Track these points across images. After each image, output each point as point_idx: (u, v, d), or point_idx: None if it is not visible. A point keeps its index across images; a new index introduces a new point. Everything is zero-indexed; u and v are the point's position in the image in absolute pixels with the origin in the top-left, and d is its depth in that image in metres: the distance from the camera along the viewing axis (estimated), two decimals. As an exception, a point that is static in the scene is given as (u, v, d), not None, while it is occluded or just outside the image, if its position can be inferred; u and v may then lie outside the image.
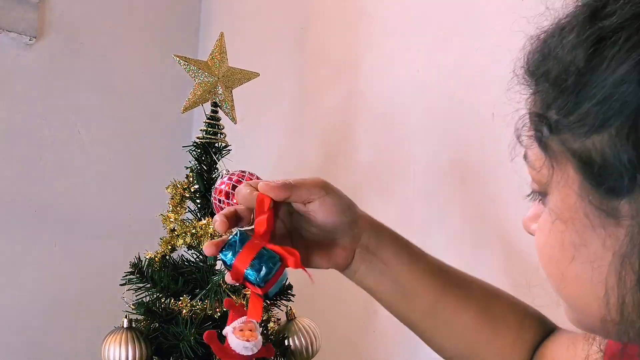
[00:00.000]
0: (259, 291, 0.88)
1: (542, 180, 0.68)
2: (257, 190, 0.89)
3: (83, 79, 2.04)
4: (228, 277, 0.90)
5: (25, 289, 1.92)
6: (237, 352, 1.31)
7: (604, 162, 0.60)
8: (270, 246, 0.88)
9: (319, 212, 0.95)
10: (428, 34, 1.73)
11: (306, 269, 0.92)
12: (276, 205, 0.92)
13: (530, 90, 0.68)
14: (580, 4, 0.66)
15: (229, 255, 0.89)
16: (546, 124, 0.65)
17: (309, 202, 0.94)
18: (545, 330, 1.04)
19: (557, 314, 0.88)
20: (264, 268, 0.88)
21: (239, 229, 0.91)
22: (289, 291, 1.51)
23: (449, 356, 1.06)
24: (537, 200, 0.72)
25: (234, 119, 1.51)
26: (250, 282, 0.88)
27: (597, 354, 0.81)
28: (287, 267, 0.90)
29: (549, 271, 0.71)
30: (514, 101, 0.71)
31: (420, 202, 1.73)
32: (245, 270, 0.87)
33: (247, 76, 1.52)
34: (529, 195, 0.73)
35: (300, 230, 0.98)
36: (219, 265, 1.48)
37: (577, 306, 0.70)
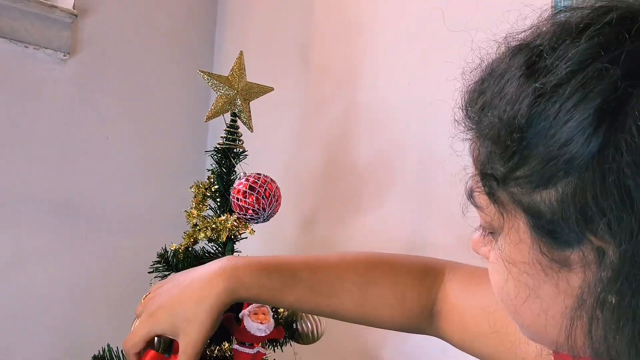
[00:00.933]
0: None
1: (494, 225, 0.69)
2: None
3: (110, 90, 2.07)
4: None
5: (59, 277, 1.95)
6: (252, 333, 1.35)
7: (552, 216, 0.60)
8: None
9: None
10: (417, 50, 1.78)
11: None
12: None
13: (472, 135, 0.69)
14: (513, 46, 0.67)
15: None
16: (493, 179, 0.64)
17: None
18: (437, 275, 1.10)
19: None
20: None
21: None
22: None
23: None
24: (486, 232, 0.72)
25: (250, 128, 1.54)
26: None
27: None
28: None
29: (505, 305, 0.72)
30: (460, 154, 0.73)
31: (411, 198, 1.78)
32: None
33: (263, 90, 1.54)
34: (478, 228, 0.73)
35: None
36: (237, 256, 1.51)
37: (531, 332, 0.72)
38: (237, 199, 1.45)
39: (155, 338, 1.05)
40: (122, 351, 1.45)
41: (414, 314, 1.08)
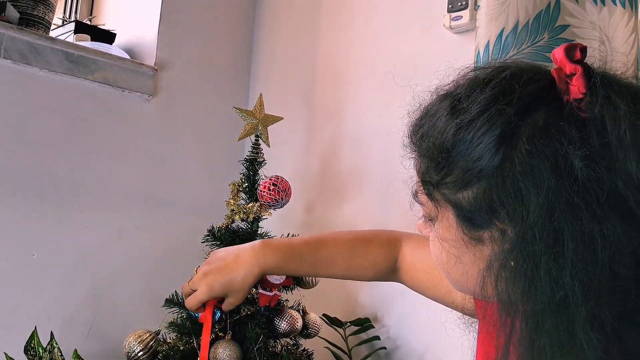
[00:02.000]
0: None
1: (432, 214, 0.69)
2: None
3: (180, 120, 2.05)
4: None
5: (147, 247, 1.94)
6: (271, 281, 1.31)
7: (470, 207, 0.62)
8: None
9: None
10: (382, 95, 1.76)
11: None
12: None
13: (415, 155, 0.70)
14: (441, 94, 0.67)
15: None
16: (430, 184, 0.66)
17: None
18: (397, 242, 1.10)
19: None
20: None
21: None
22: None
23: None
24: (427, 220, 0.72)
25: (268, 145, 1.53)
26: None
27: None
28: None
29: (440, 267, 0.73)
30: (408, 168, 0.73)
31: (378, 194, 1.75)
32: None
33: (276, 119, 1.53)
34: (421, 217, 0.74)
35: None
36: (260, 231, 1.50)
37: (458, 285, 0.73)
38: (263, 192, 1.46)
39: None
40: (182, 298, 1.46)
41: (383, 272, 1.09)
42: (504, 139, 0.58)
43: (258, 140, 1.52)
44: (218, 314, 1.33)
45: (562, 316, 0.55)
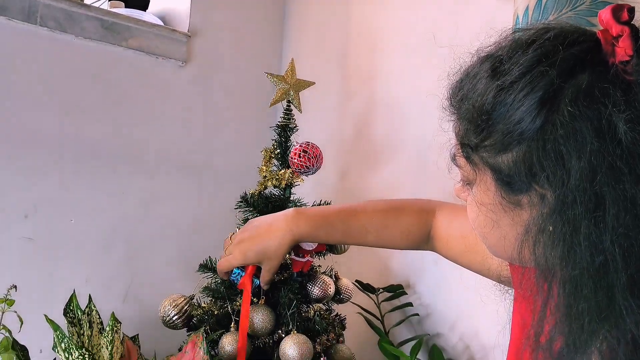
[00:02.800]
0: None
1: (470, 178, 0.69)
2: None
3: (213, 86, 2.05)
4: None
5: (183, 211, 1.96)
6: (304, 248, 1.33)
7: (509, 171, 0.61)
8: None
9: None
10: (418, 59, 1.72)
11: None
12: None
13: (455, 119, 0.69)
14: (482, 56, 0.66)
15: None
16: (469, 147, 0.65)
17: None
18: (430, 212, 1.10)
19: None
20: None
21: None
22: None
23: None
24: (465, 184, 0.72)
25: (300, 110, 1.51)
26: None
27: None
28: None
29: (478, 232, 0.72)
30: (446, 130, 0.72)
31: (412, 159, 1.73)
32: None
33: (308, 84, 1.51)
34: (459, 181, 0.73)
35: None
36: (292, 197, 1.49)
37: (494, 250, 0.72)
38: (294, 159, 1.45)
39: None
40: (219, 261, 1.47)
41: (416, 241, 1.10)
42: (546, 101, 0.57)
43: (290, 106, 1.50)
44: (257, 282, 1.35)
45: (602, 281, 0.55)
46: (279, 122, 1.52)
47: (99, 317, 1.22)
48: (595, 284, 0.55)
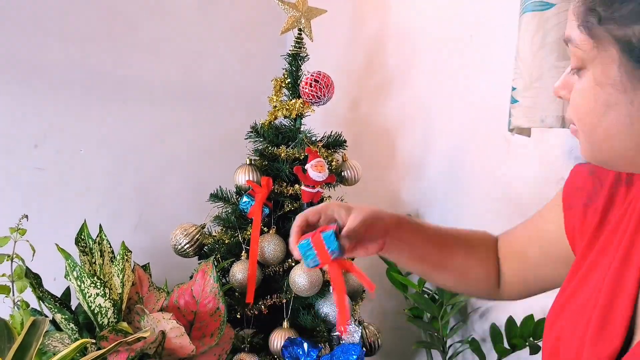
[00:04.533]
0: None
1: (585, 57, 0.61)
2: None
3: (222, 13, 2.00)
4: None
5: (189, 141, 1.95)
6: (314, 179, 1.34)
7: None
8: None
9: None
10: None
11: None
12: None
13: None
14: None
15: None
16: (595, 16, 0.59)
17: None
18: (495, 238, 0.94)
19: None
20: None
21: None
22: (345, 144, 1.50)
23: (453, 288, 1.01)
24: (571, 73, 0.65)
25: (311, 39, 1.47)
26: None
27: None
28: None
29: (584, 122, 0.64)
30: None
31: (424, 92, 1.69)
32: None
33: (320, 12, 1.47)
34: (570, 70, 0.65)
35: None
36: (303, 128, 1.48)
37: (600, 146, 0.64)
38: (305, 88, 1.42)
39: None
40: (229, 190, 1.46)
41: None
42: None
43: (301, 34, 1.46)
44: (267, 210, 1.35)
45: None
46: (289, 50, 1.48)
47: (110, 246, 1.23)
48: None
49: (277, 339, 1.31)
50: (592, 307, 0.63)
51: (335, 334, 1.34)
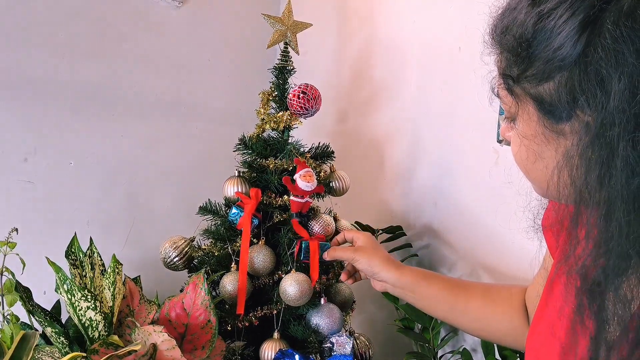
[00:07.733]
0: None
1: (512, 111, 0.67)
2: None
3: (209, 27, 2.01)
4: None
5: (177, 152, 1.95)
6: (302, 188, 1.34)
7: (551, 100, 0.60)
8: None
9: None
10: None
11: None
12: None
13: (496, 52, 0.68)
14: None
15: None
16: (510, 78, 0.64)
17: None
18: (523, 290, 1.02)
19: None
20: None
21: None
22: (332, 154, 1.51)
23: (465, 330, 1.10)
24: (509, 121, 0.70)
25: (297, 52, 1.48)
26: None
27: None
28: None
29: (521, 167, 0.71)
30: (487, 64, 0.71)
31: (411, 106, 1.70)
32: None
33: (305, 25, 1.47)
34: (505, 118, 0.71)
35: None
36: (291, 140, 1.48)
37: (539, 185, 0.70)
38: (293, 100, 1.42)
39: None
40: (218, 203, 1.47)
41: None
42: (587, 24, 0.56)
43: (287, 48, 1.47)
44: (256, 221, 1.35)
45: (636, 204, 0.54)
46: (276, 64, 1.48)
47: (101, 259, 1.22)
48: (630, 207, 0.55)
49: (268, 351, 1.31)
50: (562, 315, 0.68)
51: (326, 345, 1.34)
